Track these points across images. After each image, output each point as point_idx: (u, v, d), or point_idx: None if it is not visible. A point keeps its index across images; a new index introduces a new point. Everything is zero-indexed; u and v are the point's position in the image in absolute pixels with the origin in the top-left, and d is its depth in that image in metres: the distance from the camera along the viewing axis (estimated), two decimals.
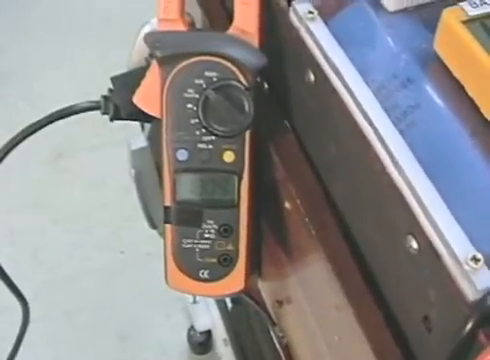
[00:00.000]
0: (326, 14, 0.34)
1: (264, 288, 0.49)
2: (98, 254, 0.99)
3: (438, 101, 0.30)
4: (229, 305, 0.77)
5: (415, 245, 0.28)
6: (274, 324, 0.51)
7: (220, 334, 0.79)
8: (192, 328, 0.87)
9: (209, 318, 0.82)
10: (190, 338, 0.88)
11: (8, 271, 0.46)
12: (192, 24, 0.37)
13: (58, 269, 0.99)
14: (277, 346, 0.52)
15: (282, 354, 0.51)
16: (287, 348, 0.50)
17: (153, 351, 0.91)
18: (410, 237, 0.28)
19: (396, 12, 0.33)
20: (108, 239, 1.00)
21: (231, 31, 0.35)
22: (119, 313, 0.93)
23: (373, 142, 0.29)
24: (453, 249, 0.26)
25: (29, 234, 1.03)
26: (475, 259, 0.25)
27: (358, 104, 0.30)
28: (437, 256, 0.27)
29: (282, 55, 0.35)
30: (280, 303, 0.47)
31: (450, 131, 0.29)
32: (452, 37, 0.30)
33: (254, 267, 0.41)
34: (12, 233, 1.03)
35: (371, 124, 0.29)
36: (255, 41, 0.35)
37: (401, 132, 0.30)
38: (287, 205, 0.37)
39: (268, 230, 0.42)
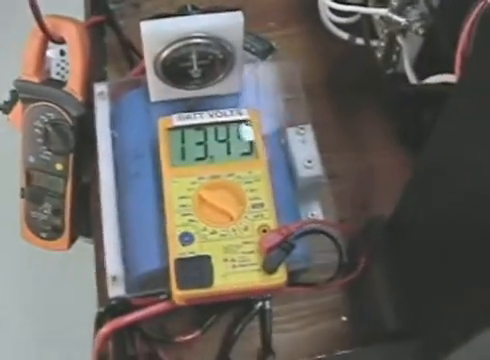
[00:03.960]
0: (117, 95, 0.53)
1: None
2: None
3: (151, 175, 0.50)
4: None
5: None
6: None
7: None
8: None
9: None
10: None
11: None
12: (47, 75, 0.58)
13: None
14: None
15: None
16: None
17: None
18: None
19: (158, 102, 0.52)
20: None
21: (66, 88, 0.56)
22: None
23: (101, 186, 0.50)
24: (108, 267, 0.47)
25: None
26: (114, 277, 0.47)
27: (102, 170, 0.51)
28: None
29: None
30: None
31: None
32: (160, 140, 0.49)
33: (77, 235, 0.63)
34: None
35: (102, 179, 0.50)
36: (79, 98, 0.56)
37: (125, 181, 0.50)
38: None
39: None
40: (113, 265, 0.48)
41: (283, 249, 0.44)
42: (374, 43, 0.53)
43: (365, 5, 0.53)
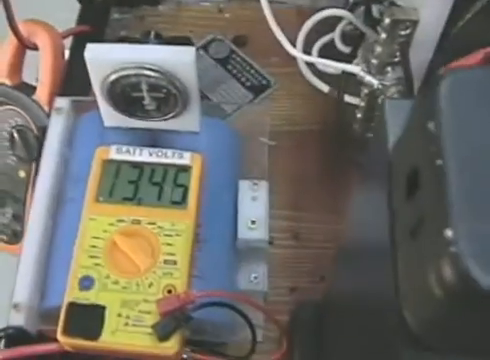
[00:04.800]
0: (81, 112, 0.51)
1: None
2: None
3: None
4: None
5: None
6: None
7: None
8: None
9: None
10: None
11: None
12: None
13: None
14: None
15: None
16: None
17: None
18: None
19: (115, 128, 0.49)
20: None
21: (35, 97, 0.54)
22: None
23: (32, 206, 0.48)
24: (14, 293, 0.45)
25: None
26: (16, 305, 0.45)
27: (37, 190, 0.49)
28: None
29: None
30: None
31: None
32: (92, 171, 0.46)
33: None
34: None
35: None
36: (46, 108, 0.54)
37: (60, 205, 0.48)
38: None
39: None
40: (20, 291, 0.46)
41: (176, 318, 0.40)
42: (356, 101, 0.48)
43: (353, 56, 0.47)
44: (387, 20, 0.41)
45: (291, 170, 0.54)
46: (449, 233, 0.18)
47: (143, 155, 0.46)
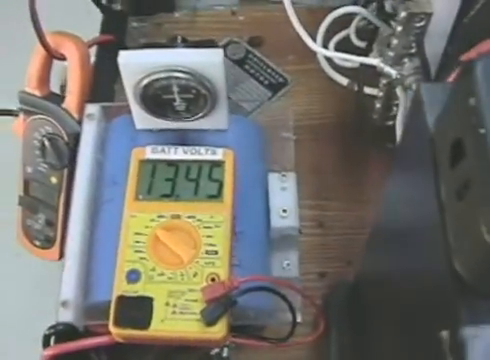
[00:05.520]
0: (112, 118, 0.55)
1: None
2: None
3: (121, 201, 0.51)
4: None
5: None
6: None
7: None
8: None
9: None
10: None
11: None
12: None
13: None
14: None
15: None
16: None
17: None
18: None
19: (143, 130, 0.53)
20: None
21: (64, 105, 0.58)
22: None
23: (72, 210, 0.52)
24: (61, 291, 0.49)
25: None
26: (64, 302, 0.48)
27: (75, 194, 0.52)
28: None
29: None
30: None
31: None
32: (130, 171, 0.50)
33: None
34: None
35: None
36: (76, 115, 0.57)
37: (99, 206, 0.52)
38: None
39: None
40: (67, 289, 0.49)
41: (222, 304, 0.44)
42: (373, 92, 0.51)
43: (368, 50, 0.51)
44: (403, 14, 0.44)
45: (313, 161, 0.57)
46: None
47: (178, 153, 0.50)
